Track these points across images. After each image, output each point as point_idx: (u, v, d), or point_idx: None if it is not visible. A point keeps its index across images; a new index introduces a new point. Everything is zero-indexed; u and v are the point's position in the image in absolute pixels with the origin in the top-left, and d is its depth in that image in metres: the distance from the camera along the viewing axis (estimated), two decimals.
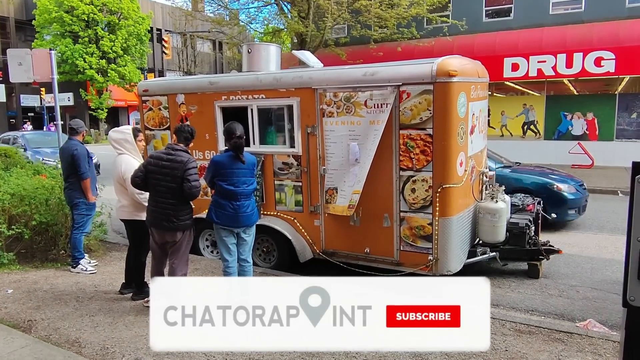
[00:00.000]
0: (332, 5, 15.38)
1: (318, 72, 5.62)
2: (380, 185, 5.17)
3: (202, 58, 40.29)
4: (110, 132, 5.02)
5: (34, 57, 7.23)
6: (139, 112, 7.01)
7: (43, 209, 6.04)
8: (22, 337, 3.93)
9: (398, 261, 5.26)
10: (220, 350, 3.67)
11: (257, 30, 19.83)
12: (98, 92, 32.76)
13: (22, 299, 4.83)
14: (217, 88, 6.10)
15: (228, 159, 4.26)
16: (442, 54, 5.42)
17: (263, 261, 6.03)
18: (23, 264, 5.93)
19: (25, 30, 36.00)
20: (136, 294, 4.84)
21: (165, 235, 4.28)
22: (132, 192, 4.60)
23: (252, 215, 4.40)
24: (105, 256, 6.35)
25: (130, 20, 32.33)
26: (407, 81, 4.94)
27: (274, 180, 5.86)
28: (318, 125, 5.46)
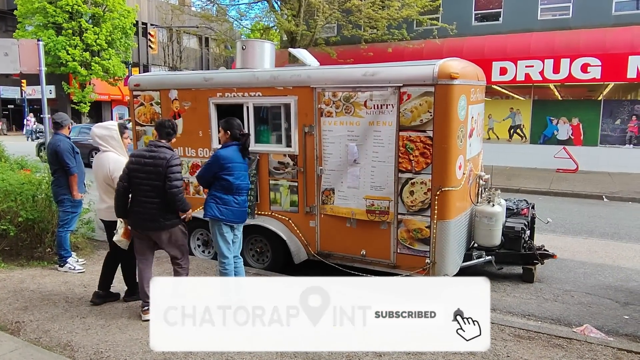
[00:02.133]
0: (324, 4, 15.31)
1: (317, 71, 5.54)
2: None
3: (189, 54, 39.85)
4: (93, 127, 4.74)
5: (21, 48, 7.02)
6: (130, 107, 6.84)
7: (29, 205, 5.84)
8: (11, 339, 3.78)
9: (394, 264, 5.22)
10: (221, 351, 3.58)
11: (246, 27, 19.64)
12: (81, 85, 32.07)
13: (8, 299, 4.65)
14: (212, 84, 5.97)
15: (235, 153, 4.21)
16: (432, 56, 5.44)
17: (256, 262, 5.94)
18: (8, 262, 5.73)
19: (6, 20, 35.16)
20: (129, 295, 4.67)
21: (154, 237, 4.17)
22: None
23: (247, 211, 4.46)
24: (93, 255, 6.18)
25: (116, 13, 31.71)
26: (408, 82, 4.90)
27: (269, 180, 5.76)
28: (316, 125, 5.39)
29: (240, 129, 4.32)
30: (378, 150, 5.06)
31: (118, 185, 4.12)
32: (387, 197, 5.09)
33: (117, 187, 4.13)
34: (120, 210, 4.16)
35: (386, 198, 5.09)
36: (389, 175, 5.04)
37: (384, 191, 5.10)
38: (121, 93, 35.24)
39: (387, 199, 5.09)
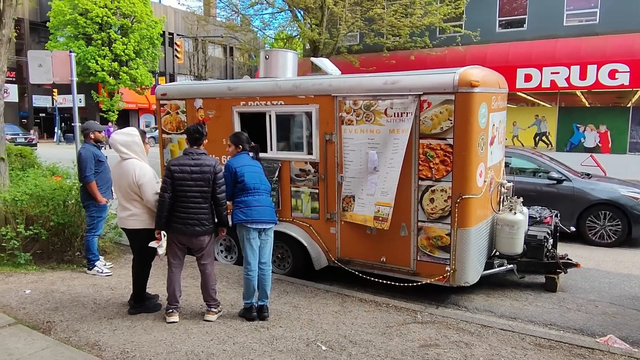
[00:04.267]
0: (346, 13, 15.44)
1: (338, 80, 5.62)
2: (399, 194, 5.13)
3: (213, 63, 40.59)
4: (114, 134, 4.57)
5: (54, 59, 7.32)
6: (157, 116, 7.04)
7: (60, 210, 6.07)
8: (43, 338, 3.94)
9: (415, 271, 5.23)
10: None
11: (269, 37, 19.93)
12: (109, 94, 33.02)
13: (40, 300, 4.84)
14: (235, 93, 6.12)
15: (245, 158, 4.51)
16: (455, 63, 5.45)
17: (277, 267, 6.02)
18: (39, 264, 5.96)
19: (39, 32, 36.45)
20: (134, 307, 4.60)
21: (194, 241, 4.30)
22: (151, 200, 4.37)
23: (274, 211, 4.58)
24: (120, 259, 6.37)
25: (143, 23, 32.64)
26: (429, 90, 4.93)
27: (291, 187, 5.85)
28: (336, 133, 5.46)
29: (249, 142, 4.60)
30: (394, 157, 5.10)
31: (162, 196, 4.20)
32: (388, 203, 5.11)
33: (161, 199, 4.21)
34: (162, 221, 4.24)
35: (387, 204, 5.12)
36: (394, 180, 5.06)
37: (387, 197, 5.13)
38: (148, 101, 36.10)
39: (388, 204, 5.11)
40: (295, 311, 4.71)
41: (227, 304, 4.79)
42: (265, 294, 4.53)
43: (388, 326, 4.41)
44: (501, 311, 5.09)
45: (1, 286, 5.19)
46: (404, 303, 5.03)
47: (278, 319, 4.51)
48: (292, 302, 4.95)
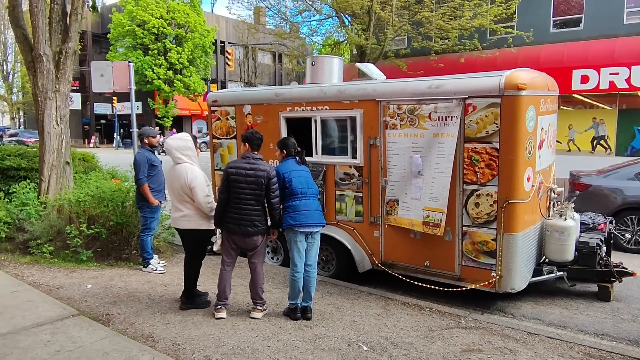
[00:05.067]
0: (393, 17, 15.43)
1: (382, 85, 5.68)
2: None
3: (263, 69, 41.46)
4: (168, 140, 4.81)
5: (114, 69, 7.80)
6: (208, 122, 7.35)
7: (119, 211, 6.46)
8: (102, 329, 4.23)
9: (459, 276, 5.18)
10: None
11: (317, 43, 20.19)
12: (164, 101, 34.49)
13: (100, 294, 5.18)
14: (282, 99, 6.30)
15: (292, 163, 4.63)
16: (506, 65, 5.37)
17: (322, 269, 6.12)
18: (99, 261, 6.35)
19: (100, 43, 38.64)
20: (185, 303, 4.82)
21: (247, 240, 4.49)
22: (202, 202, 4.59)
23: (321, 215, 4.67)
24: (172, 258, 6.68)
25: (197, 33, 33.91)
26: (474, 94, 4.90)
27: (335, 190, 5.95)
28: (380, 137, 5.51)
29: (294, 147, 4.71)
30: (439, 161, 5.09)
31: (220, 197, 4.46)
32: (440, 209, 5.08)
33: (218, 200, 4.47)
34: (219, 220, 4.52)
35: (439, 210, 5.09)
36: (445, 186, 5.04)
37: (438, 203, 5.10)
38: (200, 108, 37.36)
39: (440, 210, 5.08)
40: (338, 312, 4.79)
41: (273, 303, 4.95)
42: (310, 295, 4.64)
43: (431, 330, 4.41)
44: (549, 319, 4.95)
45: (66, 280, 5.58)
46: (447, 308, 5.00)
47: (321, 319, 4.61)
48: (336, 303, 5.03)
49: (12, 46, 35.77)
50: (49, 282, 5.49)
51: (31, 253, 6.38)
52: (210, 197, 4.70)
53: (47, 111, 7.14)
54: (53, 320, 4.38)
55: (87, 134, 39.96)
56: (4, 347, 3.83)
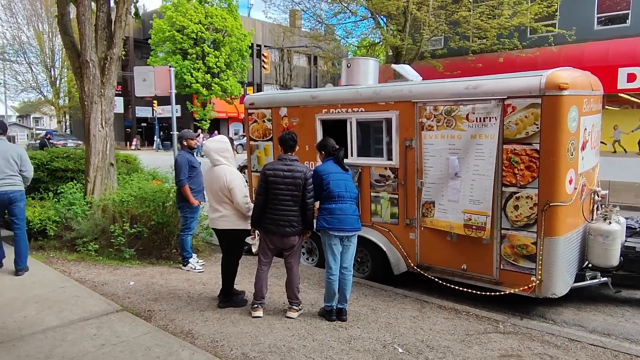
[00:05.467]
0: (430, 17, 15.26)
1: (418, 86, 5.64)
2: None
3: (298, 72, 41.76)
4: (207, 142, 4.93)
5: (155, 74, 8.06)
6: (245, 124, 7.48)
7: (160, 211, 6.67)
8: (145, 324, 4.39)
9: (497, 280, 5.08)
10: None
11: (352, 45, 20.19)
12: (202, 104, 35.28)
13: (142, 291, 5.37)
14: (318, 101, 6.35)
15: (332, 165, 4.61)
16: (547, 64, 5.24)
17: (357, 271, 6.12)
18: (141, 259, 6.57)
19: (141, 49, 39.86)
20: (223, 301, 4.93)
21: (284, 241, 4.57)
22: (241, 203, 4.70)
23: (357, 219, 4.66)
24: (210, 257, 6.84)
25: (234, 37, 34.54)
26: (513, 94, 4.80)
27: (370, 192, 5.95)
28: (417, 139, 5.48)
29: (332, 146, 4.70)
30: (479, 163, 5.01)
31: (257, 199, 4.54)
32: (484, 212, 4.99)
33: (256, 201, 4.56)
34: (257, 221, 4.61)
35: (483, 213, 5.00)
36: (488, 189, 4.95)
37: (481, 206, 5.02)
38: (237, 111, 37.99)
39: (485, 214, 4.99)
40: (373, 314, 4.79)
41: (308, 304, 4.99)
42: (345, 298, 4.66)
43: (467, 334, 4.34)
44: (593, 326, 4.79)
45: (110, 277, 5.81)
46: (485, 312, 4.92)
47: (356, 320, 4.62)
48: (371, 305, 5.03)
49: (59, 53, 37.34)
50: (94, 279, 5.72)
51: (78, 251, 6.67)
52: (248, 198, 4.80)
53: (93, 115, 7.44)
54: (98, 315, 4.57)
55: (128, 136, 41.29)
56: (54, 340, 4.03)
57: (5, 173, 5.65)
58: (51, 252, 6.75)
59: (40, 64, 38.36)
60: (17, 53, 38.03)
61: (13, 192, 5.73)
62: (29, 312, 4.62)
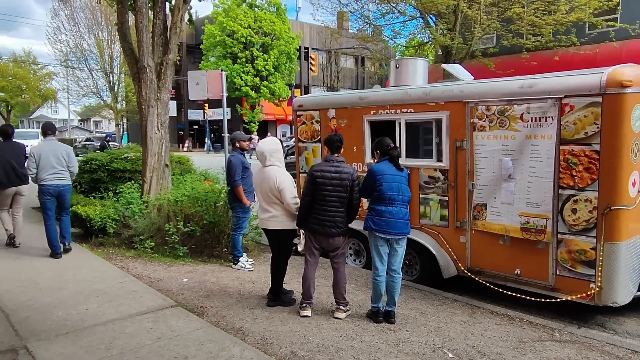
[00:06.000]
0: (481, 15, 14.87)
1: (470, 86, 5.52)
2: None
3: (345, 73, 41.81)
4: (261, 143, 5.00)
5: (208, 78, 8.31)
6: (293, 126, 7.58)
7: (212, 211, 6.87)
8: (197, 320, 4.53)
9: (553, 286, 4.89)
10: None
11: (400, 45, 19.99)
12: (251, 107, 36.02)
13: (194, 287, 5.55)
14: (366, 103, 6.34)
15: (387, 166, 4.53)
16: (608, 61, 4.98)
17: (405, 273, 6.05)
18: (194, 257, 6.79)
19: (194, 54, 41.17)
20: (272, 300, 5.00)
21: (330, 241, 4.60)
22: (290, 204, 4.74)
23: (407, 224, 4.60)
24: (259, 256, 6.97)
25: (282, 40, 35.07)
26: (571, 93, 4.61)
27: (419, 194, 5.87)
28: (468, 139, 5.36)
29: (388, 145, 4.62)
30: (535, 165, 4.84)
31: (304, 200, 4.60)
32: (545, 215, 4.81)
33: (303, 202, 4.61)
34: (302, 221, 4.67)
35: (543, 216, 4.82)
36: (547, 191, 4.77)
37: (540, 208, 4.84)
38: (284, 113, 38.49)
39: (545, 216, 4.81)
40: (422, 317, 4.73)
41: (355, 305, 4.99)
42: (394, 300, 4.62)
43: (521, 341, 4.20)
44: None
45: (164, 274, 6.04)
46: (540, 319, 4.74)
47: (404, 323, 4.57)
48: (419, 309, 4.97)
49: (118, 59, 39.22)
50: (150, 275, 5.97)
51: (135, 248, 6.98)
52: (298, 199, 4.85)
53: (149, 118, 7.77)
54: (154, 309, 4.77)
55: (181, 138, 42.75)
56: (114, 332, 4.24)
57: (56, 169, 6.49)
58: (111, 249, 7.10)
59: (100, 70, 40.47)
60: (79, 60, 40.33)
61: (63, 185, 6.61)
62: (91, 305, 4.89)
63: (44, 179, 6.44)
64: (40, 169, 6.42)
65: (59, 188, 6.55)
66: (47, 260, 6.52)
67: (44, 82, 51.88)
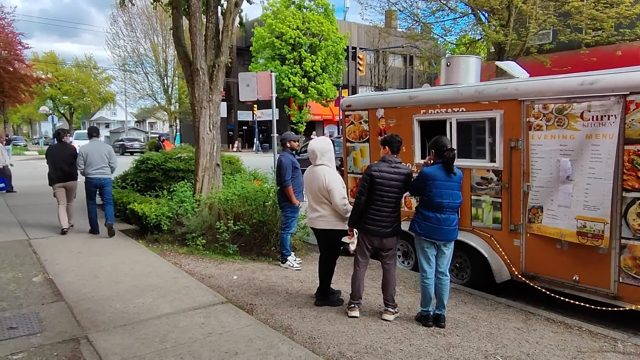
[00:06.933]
0: (537, 9, 14.29)
1: (525, 83, 5.31)
2: None
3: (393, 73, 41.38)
4: (312, 142, 5.05)
5: (258, 79, 8.46)
6: (342, 126, 7.57)
7: (261, 210, 6.98)
8: (247, 317, 4.62)
9: (615, 294, 4.62)
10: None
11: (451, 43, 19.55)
12: (299, 107, 36.31)
13: (244, 285, 5.65)
14: (416, 102, 6.24)
15: (439, 171, 4.39)
16: None
17: (455, 277, 5.92)
18: (243, 255, 6.93)
19: (244, 56, 42.02)
20: (320, 299, 5.00)
21: (384, 242, 4.58)
22: (339, 204, 4.74)
23: (454, 230, 4.47)
24: (307, 256, 7.02)
25: (330, 41, 35.13)
26: (637, 90, 4.34)
27: (471, 195, 5.71)
28: (523, 139, 5.17)
29: (444, 145, 4.43)
30: (595, 165, 4.59)
31: (359, 199, 4.56)
32: (602, 219, 4.55)
33: (357, 201, 4.57)
34: (356, 221, 4.64)
35: (601, 220, 4.56)
36: (606, 194, 4.51)
37: (598, 212, 4.58)
38: (332, 113, 38.55)
39: (603, 220, 4.55)
40: (473, 322, 4.60)
41: (404, 307, 4.92)
42: (443, 303, 4.52)
43: (580, 351, 4.00)
44: None
45: (215, 271, 6.20)
46: (600, 329, 4.50)
47: (455, 327, 4.46)
48: (470, 313, 4.83)
49: (172, 62, 40.64)
50: (201, 271, 6.14)
51: (187, 245, 7.20)
52: (347, 200, 4.85)
53: (202, 119, 8.00)
54: (206, 305, 4.90)
55: (231, 139, 43.75)
56: (167, 326, 4.39)
57: (99, 165, 7.85)
58: (164, 245, 7.36)
59: (155, 74, 42.07)
60: (135, 64, 42.11)
61: (105, 178, 7.96)
62: (146, 299, 5.08)
63: (90, 173, 7.82)
64: (87, 165, 7.78)
65: (102, 180, 7.90)
66: (106, 255, 6.85)
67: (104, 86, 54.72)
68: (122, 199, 8.77)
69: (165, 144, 17.21)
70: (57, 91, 49.90)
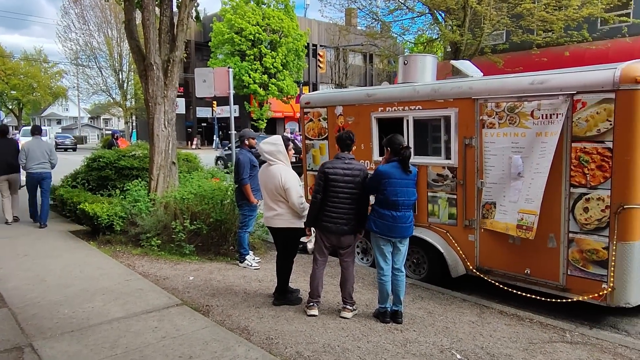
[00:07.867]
0: (491, 11, 14.70)
1: (479, 82, 5.43)
2: (546, 202, 4.76)
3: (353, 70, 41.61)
4: (261, 144, 4.97)
5: (215, 75, 8.29)
6: (300, 123, 7.53)
7: (218, 209, 6.84)
8: (203, 319, 4.50)
9: (564, 286, 4.80)
10: None
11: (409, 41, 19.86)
12: (259, 104, 35.99)
13: (200, 286, 5.52)
14: (374, 100, 6.27)
15: (395, 169, 4.40)
16: (620, 57, 4.87)
17: (413, 273, 6.00)
18: (200, 255, 6.77)
19: (202, 51, 41.24)
20: (278, 299, 4.95)
21: (341, 239, 4.57)
22: (296, 203, 4.70)
23: (410, 227, 4.50)
24: (266, 254, 6.94)
25: (290, 37, 34.97)
26: (584, 89, 4.51)
27: (428, 192, 5.80)
28: (477, 137, 5.28)
29: (400, 144, 4.45)
30: (540, 161, 4.74)
31: (315, 197, 4.53)
32: (533, 211, 4.72)
33: (314, 200, 4.54)
34: (313, 219, 4.61)
35: (532, 212, 4.73)
36: (541, 187, 4.67)
37: (532, 204, 4.75)
38: (293, 110, 38.42)
39: (533, 212, 4.72)
40: (430, 317, 4.66)
41: (362, 304, 4.94)
42: (399, 299, 4.55)
43: (531, 342, 4.13)
44: None
45: (171, 272, 6.03)
46: (550, 320, 4.65)
47: (412, 323, 4.51)
48: (427, 308, 4.90)
49: (127, 57, 39.39)
50: (156, 273, 5.95)
51: (141, 245, 6.97)
52: (303, 198, 4.81)
53: (156, 115, 7.76)
54: (160, 308, 4.75)
55: (189, 136, 42.88)
56: (119, 330, 4.22)
57: (40, 160, 8.45)
58: (117, 247, 7.10)
59: (109, 68, 40.68)
60: (88, 58, 40.60)
61: (45, 172, 8.55)
62: (97, 303, 4.88)
63: (31, 167, 8.44)
64: (29, 159, 8.37)
65: (42, 174, 8.50)
66: (54, 257, 6.54)
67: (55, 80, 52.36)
68: (73, 199, 8.41)
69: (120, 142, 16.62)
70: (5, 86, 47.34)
